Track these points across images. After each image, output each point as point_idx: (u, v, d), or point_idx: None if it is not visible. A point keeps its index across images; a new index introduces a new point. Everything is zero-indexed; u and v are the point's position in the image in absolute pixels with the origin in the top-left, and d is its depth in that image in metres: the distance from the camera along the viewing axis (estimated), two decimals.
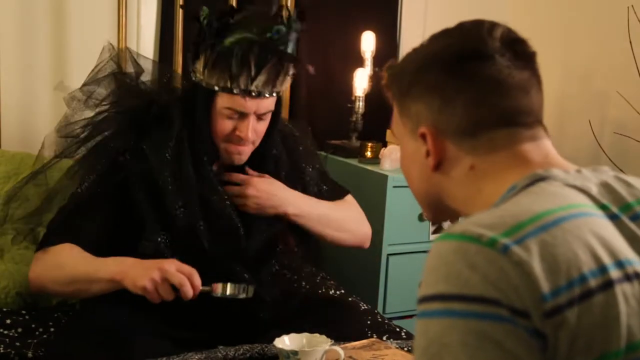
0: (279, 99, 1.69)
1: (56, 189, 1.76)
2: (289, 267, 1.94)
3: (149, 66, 1.81)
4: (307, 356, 1.38)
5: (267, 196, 1.71)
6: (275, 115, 1.71)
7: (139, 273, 1.48)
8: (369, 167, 2.51)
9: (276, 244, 1.82)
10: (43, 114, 2.33)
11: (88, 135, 1.74)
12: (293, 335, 1.45)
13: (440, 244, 0.79)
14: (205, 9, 1.59)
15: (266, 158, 1.76)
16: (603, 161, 2.47)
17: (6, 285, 1.88)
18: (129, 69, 1.79)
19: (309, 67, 1.72)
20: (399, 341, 1.64)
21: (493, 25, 0.93)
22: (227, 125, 1.64)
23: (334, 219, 1.83)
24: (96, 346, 1.50)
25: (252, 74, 1.57)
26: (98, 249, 1.61)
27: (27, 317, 1.84)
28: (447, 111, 0.92)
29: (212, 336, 1.63)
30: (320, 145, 2.34)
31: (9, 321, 1.78)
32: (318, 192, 1.86)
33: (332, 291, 1.96)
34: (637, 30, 2.37)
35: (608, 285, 0.76)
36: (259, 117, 1.65)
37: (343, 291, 1.98)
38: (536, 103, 0.93)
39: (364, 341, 1.55)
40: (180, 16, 2.38)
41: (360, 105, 2.64)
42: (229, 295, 1.54)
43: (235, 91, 1.59)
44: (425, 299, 0.78)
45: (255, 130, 1.65)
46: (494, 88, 0.91)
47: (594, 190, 0.86)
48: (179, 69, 2.39)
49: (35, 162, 1.85)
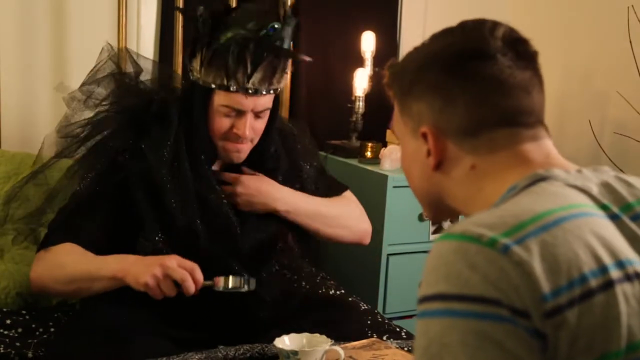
0: (276, 97, 1.69)
1: (56, 188, 1.76)
2: (288, 267, 1.94)
3: (148, 66, 1.81)
4: (307, 356, 1.38)
5: (256, 193, 1.72)
6: (274, 113, 1.71)
7: (140, 270, 1.48)
8: (369, 167, 2.51)
9: (276, 243, 1.82)
10: (43, 114, 2.33)
11: (88, 135, 1.74)
12: (293, 335, 1.45)
13: (441, 244, 0.79)
14: (201, 8, 1.59)
15: (265, 156, 1.76)
16: (603, 161, 2.46)
17: (6, 285, 1.87)
18: (128, 69, 1.79)
19: (305, 57, 1.71)
20: (399, 341, 1.64)
21: (495, 25, 0.93)
22: (225, 123, 1.64)
23: (329, 215, 1.82)
24: (96, 346, 1.50)
25: (249, 71, 1.57)
26: (98, 248, 1.61)
27: (27, 317, 1.84)
28: (448, 111, 0.92)
29: (212, 336, 1.62)
30: (320, 145, 2.33)
31: (9, 321, 1.78)
32: (316, 189, 1.86)
33: (332, 291, 1.96)
34: (637, 30, 2.37)
35: (608, 285, 0.76)
36: (257, 115, 1.65)
37: (343, 291, 1.98)
38: (537, 103, 0.93)
39: (364, 341, 1.54)
40: (180, 16, 2.38)
41: (360, 105, 2.63)
42: (232, 288, 1.50)
43: (232, 89, 1.59)
44: (425, 299, 0.78)
45: (253, 128, 1.65)
46: (496, 88, 0.91)
47: (595, 190, 0.86)
48: (179, 69, 2.38)
49: (35, 162, 1.85)
